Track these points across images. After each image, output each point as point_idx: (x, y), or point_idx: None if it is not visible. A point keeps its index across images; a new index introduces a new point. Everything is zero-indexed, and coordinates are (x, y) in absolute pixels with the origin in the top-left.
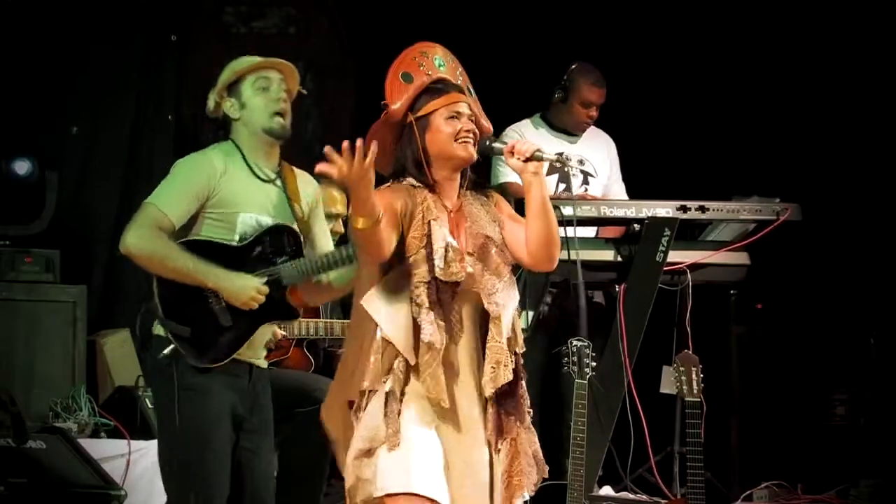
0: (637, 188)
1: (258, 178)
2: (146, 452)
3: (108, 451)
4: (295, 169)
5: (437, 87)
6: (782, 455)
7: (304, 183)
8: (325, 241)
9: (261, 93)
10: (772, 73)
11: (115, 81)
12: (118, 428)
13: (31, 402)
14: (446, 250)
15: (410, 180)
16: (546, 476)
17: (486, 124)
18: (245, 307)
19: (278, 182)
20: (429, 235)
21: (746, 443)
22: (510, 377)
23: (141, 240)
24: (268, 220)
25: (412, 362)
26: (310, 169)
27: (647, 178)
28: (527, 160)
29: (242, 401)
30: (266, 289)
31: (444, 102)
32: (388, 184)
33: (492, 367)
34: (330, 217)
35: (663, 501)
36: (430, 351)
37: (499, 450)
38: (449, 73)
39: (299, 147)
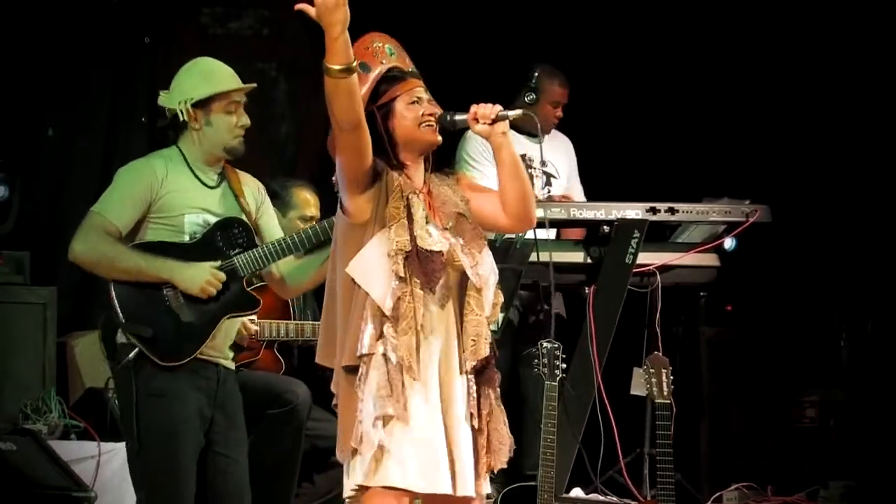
0: (607, 190)
1: (203, 183)
2: (116, 454)
3: (78, 453)
4: (237, 171)
5: (394, 75)
6: (752, 457)
7: (247, 181)
8: (275, 236)
9: (230, 114)
10: (741, 75)
11: (90, 83)
12: (88, 430)
13: (1, 403)
14: (427, 220)
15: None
16: (513, 449)
17: (438, 110)
18: (203, 294)
19: (223, 185)
20: (408, 207)
21: (716, 444)
22: (488, 351)
23: (88, 245)
24: (214, 219)
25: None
26: (283, 168)
27: (616, 179)
28: (493, 122)
29: (209, 402)
30: (222, 275)
31: (405, 88)
32: None
33: (472, 340)
34: (304, 220)
35: (633, 503)
36: (406, 319)
37: (480, 427)
38: (399, 61)
39: (273, 148)
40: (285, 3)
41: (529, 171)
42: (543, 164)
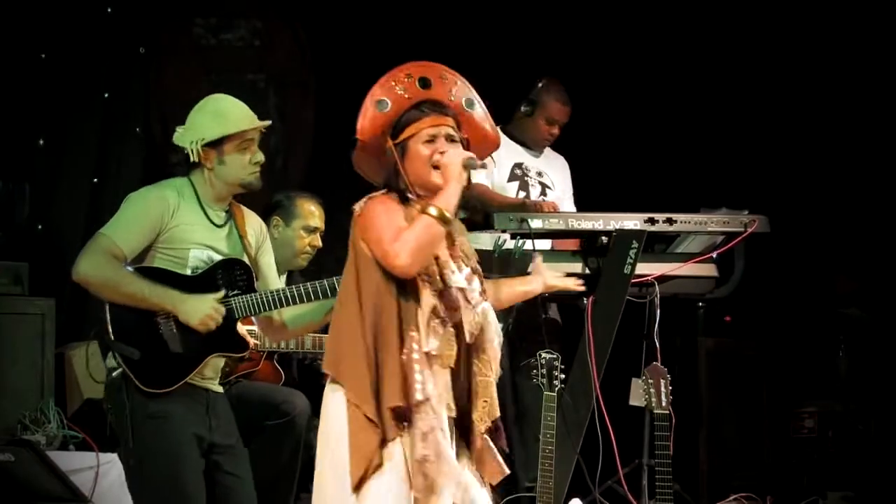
0: (605, 200)
1: (211, 221)
2: (115, 465)
3: (76, 464)
4: (242, 207)
5: (420, 111)
6: (751, 467)
7: (251, 219)
8: (271, 276)
9: (243, 152)
10: (739, 85)
11: (83, 93)
12: (87, 440)
13: (0, 414)
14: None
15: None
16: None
17: (492, 133)
18: (203, 326)
19: (230, 223)
20: (442, 276)
21: (715, 455)
22: (498, 412)
23: (94, 267)
24: (219, 257)
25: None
26: (272, 179)
27: (614, 190)
28: None
29: (202, 424)
30: (223, 308)
31: (422, 126)
32: (383, 193)
33: (484, 402)
34: (308, 230)
35: None
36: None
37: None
38: (436, 92)
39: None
40: (276, 15)
41: (525, 179)
42: (539, 174)
